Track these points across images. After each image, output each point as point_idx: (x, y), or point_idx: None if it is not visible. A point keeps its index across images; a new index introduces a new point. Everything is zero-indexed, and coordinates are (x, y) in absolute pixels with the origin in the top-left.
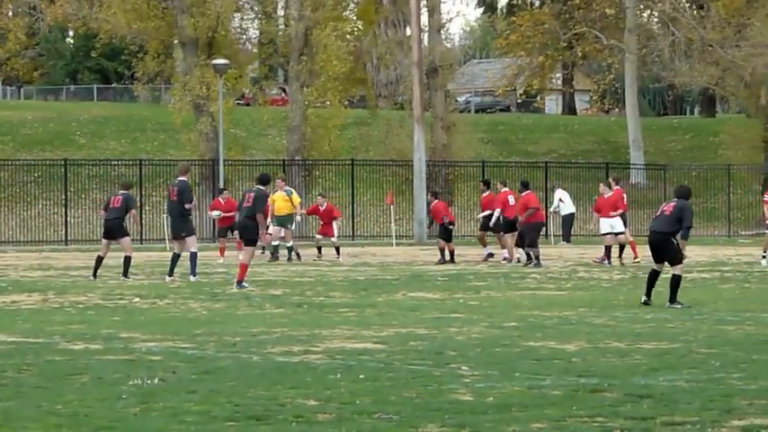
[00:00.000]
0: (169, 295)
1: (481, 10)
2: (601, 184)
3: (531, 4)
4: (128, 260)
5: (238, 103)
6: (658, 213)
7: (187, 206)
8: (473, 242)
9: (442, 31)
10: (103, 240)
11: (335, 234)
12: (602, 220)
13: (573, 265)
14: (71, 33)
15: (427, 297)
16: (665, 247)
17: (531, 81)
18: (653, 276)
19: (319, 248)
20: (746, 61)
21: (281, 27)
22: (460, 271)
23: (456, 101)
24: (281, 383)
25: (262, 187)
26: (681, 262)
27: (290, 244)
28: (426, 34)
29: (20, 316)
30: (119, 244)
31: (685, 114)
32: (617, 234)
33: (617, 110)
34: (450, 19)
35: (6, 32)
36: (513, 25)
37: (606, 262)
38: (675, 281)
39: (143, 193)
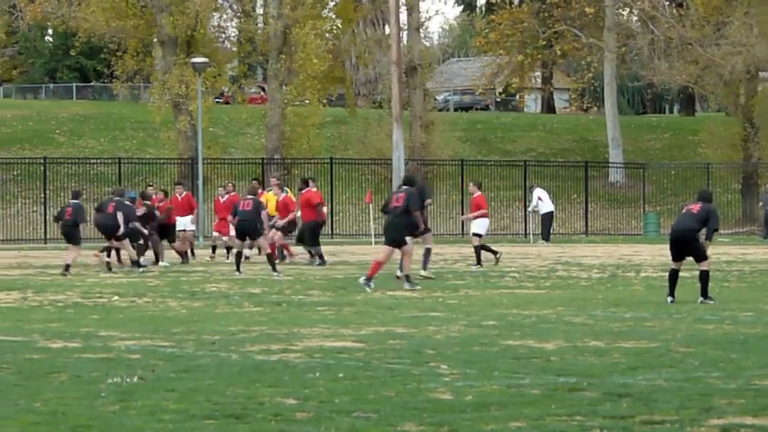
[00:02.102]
0: (148, 294)
1: (460, 8)
2: (471, 184)
3: (510, 3)
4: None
5: (217, 102)
6: (683, 212)
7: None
8: (451, 240)
9: (420, 30)
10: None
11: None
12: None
13: (551, 263)
14: (50, 32)
15: (406, 296)
16: (692, 245)
17: (510, 80)
18: (673, 276)
19: (214, 248)
20: (725, 60)
21: (259, 25)
22: (439, 269)
23: (435, 99)
24: (260, 382)
25: (411, 187)
26: (706, 258)
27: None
28: (405, 33)
29: None
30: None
31: (664, 113)
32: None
33: (596, 108)
34: (429, 17)
35: None
36: (491, 24)
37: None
38: (705, 276)
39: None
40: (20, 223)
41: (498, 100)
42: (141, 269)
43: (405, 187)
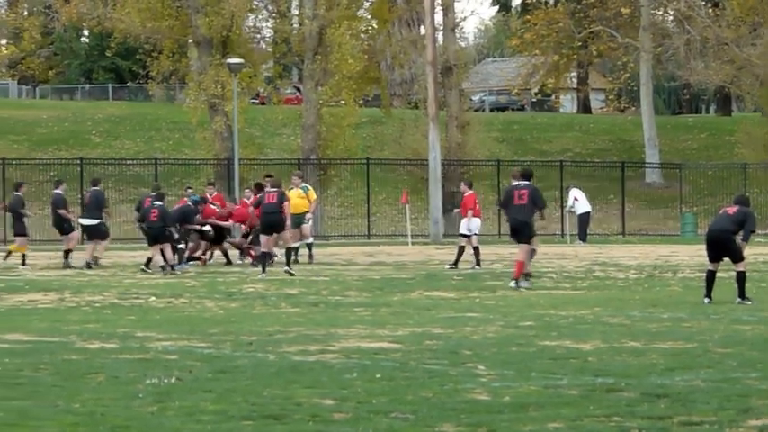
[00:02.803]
0: (185, 294)
1: (496, 8)
2: (462, 184)
3: (546, 3)
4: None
5: (253, 103)
6: (720, 213)
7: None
8: (488, 241)
9: (456, 30)
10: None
11: None
12: (462, 220)
13: (588, 264)
14: (86, 32)
15: (443, 296)
16: (728, 246)
17: (545, 80)
18: (710, 276)
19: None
20: (761, 59)
21: (295, 26)
22: (476, 270)
23: (470, 100)
24: (297, 382)
25: (528, 182)
26: (743, 259)
27: (309, 240)
28: (440, 33)
29: (36, 315)
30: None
31: (701, 113)
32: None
33: (632, 109)
34: (465, 18)
35: (22, 32)
36: (527, 24)
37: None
38: (742, 277)
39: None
40: None
41: (534, 100)
42: (176, 270)
43: (524, 182)
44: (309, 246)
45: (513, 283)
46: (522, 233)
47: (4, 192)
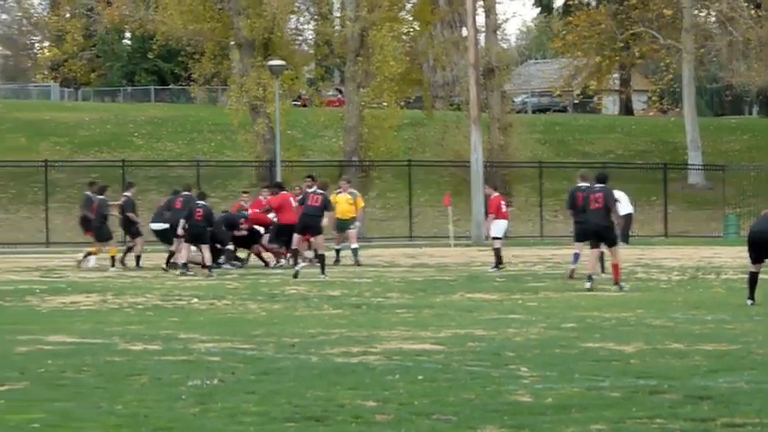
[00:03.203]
0: (227, 296)
1: (537, 10)
2: (486, 186)
3: (588, 5)
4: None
5: (295, 104)
6: (762, 215)
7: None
8: (531, 243)
9: (498, 32)
10: None
11: None
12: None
13: (631, 266)
14: (128, 35)
15: (485, 298)
16: None
17: (587, 82)
18: (753, 278)
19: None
20: None
21: (336, 28)
22: (518, 272)
23: (512, 101)
24: (340, 384)
25: (603, 185)
26: None
27: (355, 246)
28: (482, 35)
29: (79, 317)
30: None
31: (743, 114)
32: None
33: (675, 110)
34: (507, 19)
35: (64, 34)
36: (569, 25)
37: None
38: None
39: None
40: None
41: (576, 102)
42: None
43: (599, 185)
44: (355, 251)
45: (616, 287)
46: (607, 237)
47: (47, 193)
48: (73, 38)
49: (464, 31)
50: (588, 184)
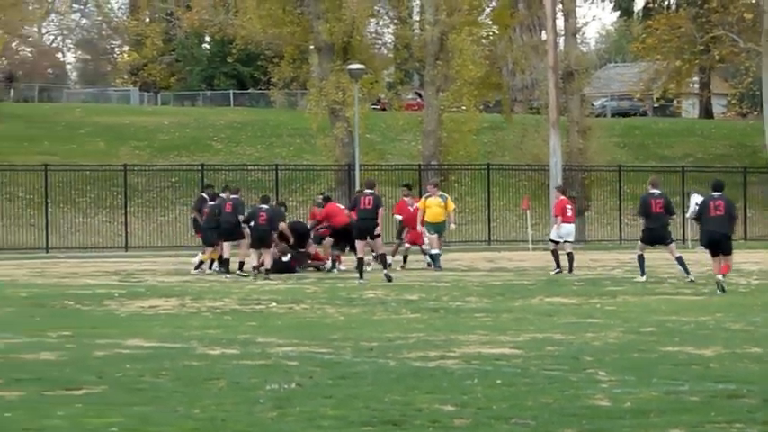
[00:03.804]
0: (306, 300)
1: (617, 14)
2: (555, 189)
3: (668, 8)
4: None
5: (374, 108)
6: None
7: None
8: (609, 247)
9: (577, 36)
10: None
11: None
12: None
13: (710, 269)
14: (207, 39)
15: (563, 302)
16: None
17: (667, 85)
18: None
19: (405, 257)
20: None
21: (416, 32)
22: (597, 276)
23: (592, 105)
24: (418, 388)
25: (721, 193)
26: None
27: (436, 251)
28: (562, 38)
29: (157, 321)
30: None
31: None
32: (557, 243)
33: (754, 113)
34: (586, 23)
35: (143, 38)
36: (649, 29)
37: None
38: None
39: (278, 198)
40: (178, 230)
41: (656, 105)
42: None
43: (718, 194)
44: (437, 256)
45: (720, 276)
46: (726, 246)
47: (126, 197)
48: (152, 42)
49: (543, 35)
50: (660, 191)
